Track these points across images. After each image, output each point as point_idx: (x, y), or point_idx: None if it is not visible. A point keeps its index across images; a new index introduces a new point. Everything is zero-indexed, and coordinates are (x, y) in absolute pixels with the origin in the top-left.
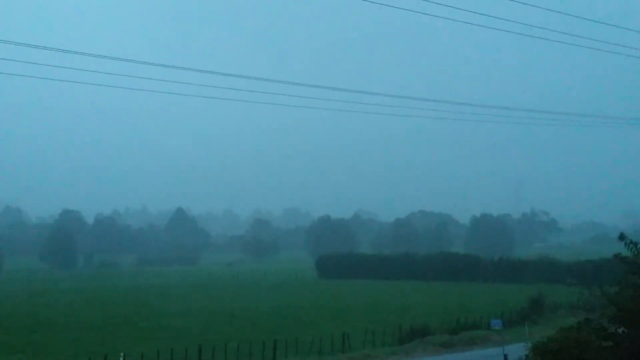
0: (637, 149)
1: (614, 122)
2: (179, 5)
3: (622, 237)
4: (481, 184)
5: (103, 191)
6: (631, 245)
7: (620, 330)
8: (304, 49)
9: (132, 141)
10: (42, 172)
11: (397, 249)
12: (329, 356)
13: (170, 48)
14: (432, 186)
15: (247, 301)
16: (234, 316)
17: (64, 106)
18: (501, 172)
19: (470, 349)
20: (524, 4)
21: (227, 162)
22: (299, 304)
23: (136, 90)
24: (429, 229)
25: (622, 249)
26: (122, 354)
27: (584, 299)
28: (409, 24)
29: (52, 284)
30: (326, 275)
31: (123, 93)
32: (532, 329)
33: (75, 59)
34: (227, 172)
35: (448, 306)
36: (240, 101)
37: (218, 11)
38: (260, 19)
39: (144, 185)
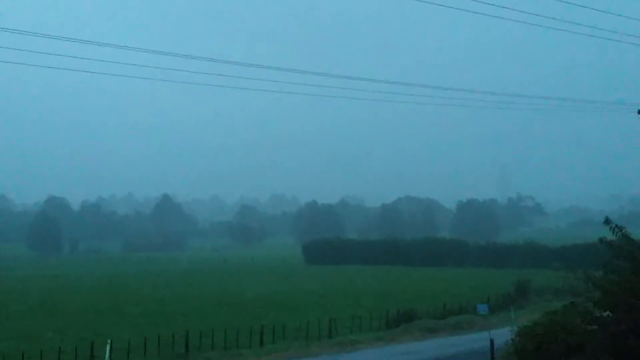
0: (622, 134)
1: (598, 106)
2: None
3: (607, 221)
4: (467, 169)
5: (88, 177)
6: (616, 230)
7: (605, 314)
8: (287, 33)
9: (117, 127)
10: (26, 158)
11: (384, 235)
12: (316, 341)
13: (152, 32)
14: (418, 172)
15: (233, 287)
16: (220, 302)
17: (48, 92)
18: (487, 157)
19: (457, 334)
20: None
21: (213, 148)
22: (286, 289)
23: (122, 76)
24: (415, 214)
25: (607, 233)
26: (109, 340)
27: (569, 283)
28: (396, 8)
29: (38, 271)
30: (313, 261)
31: (108, 79)
32: (518, 313)
33: (54, 44)
34: (214, 158)
35: (434, 291)
36: (225, 87)
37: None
38: (237, 2)
39: (130, 171)
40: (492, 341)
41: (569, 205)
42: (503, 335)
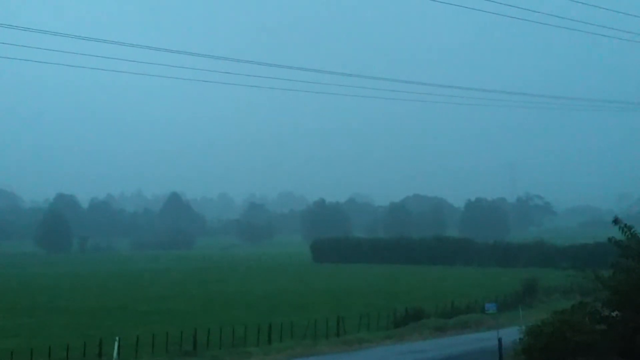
0: (631, 133)
1: (608, 105)
2: None
3: (616, 221)
4: (476, 168)
5: (97, 175)
6: (625, 229)
7: (613, 314)
8: (296, 31)
9: (126, 125)
10: (36, 156)
11: (392, 233)
12: (324, 340)
13: (160, 31)
14: (427, 170)
15: (242, 285)
16: (228, 300)
17: (56, 90)
18: (496, 156)
19: (465, 333)
20: None
21: (222, 145)
22: (294, 287)
23: (131, 74)
24: (423, 213)
25: (616, 233)
26: (117, 337)
27: (578, 283)
28: (403, 5)
29: (47, 268)
30: (321, 259)
31: (118, 76)
32: (526, 313)
33: (61, 42)
34: (222, 156)
35: (442, 290)
36: (233, 85)
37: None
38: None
39: (139, 169)
40: (500, 340)
41: (578, 205)
42: (511, 334)
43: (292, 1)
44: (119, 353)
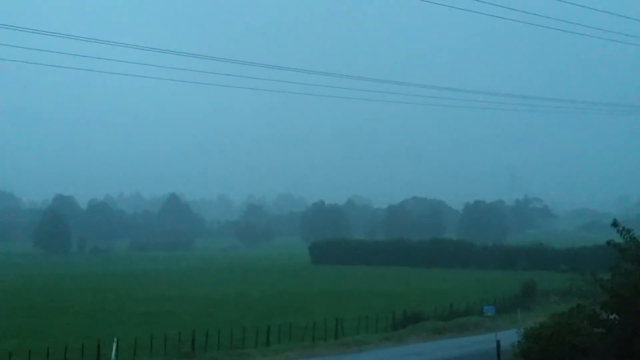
0: (631, 136)
1: (607, 108)
2: None
3: (615, 223)
4: (475, 171)
5: (96, 176)
6: (624, 232)
7: (612, 317)
8: (293, 32)
9: (125, 126)
10: (35, 157)
11: (391, 235)
12: (322, 342)
13: (159, 32)
14: (425, 173)
15: (240, 287)
16: (227, 301)
17: (55, 91)
18: (495, 158)
19: (463, 335)
20: None
21: (221, 147)
22: (293, 289)
23: (130, 75)
24: (422, 215)
25: (615, 236)
26: (115, 339)
27: (577, 286)
28: (401, 8)
29: (45, 269)
30: (320, 261)
31: (116, 77)
32: (525, 315)
33: (59, 42)
34: (221, 158)
35: (441, 292)
36: (232, 86)
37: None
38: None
39: (138, 170)
40: (498, 343)
41: (577, 208)
42: (509, 337)
43: (292, 2)
44: (117, 354)
